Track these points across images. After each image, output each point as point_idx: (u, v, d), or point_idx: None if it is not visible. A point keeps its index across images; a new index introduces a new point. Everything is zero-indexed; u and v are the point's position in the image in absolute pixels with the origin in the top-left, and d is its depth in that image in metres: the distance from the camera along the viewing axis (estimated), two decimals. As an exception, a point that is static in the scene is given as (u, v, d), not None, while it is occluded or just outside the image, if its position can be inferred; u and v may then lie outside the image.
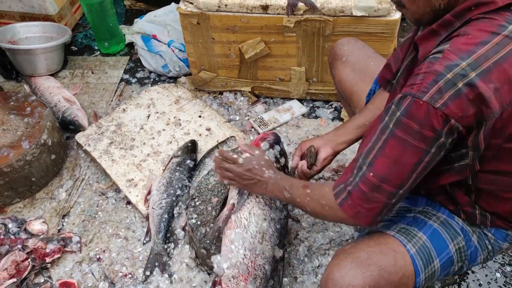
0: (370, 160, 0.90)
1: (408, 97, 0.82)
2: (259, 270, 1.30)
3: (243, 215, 1.32)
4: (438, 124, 0.79)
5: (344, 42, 1.48)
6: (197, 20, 1.84)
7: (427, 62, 0.81)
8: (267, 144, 1.42)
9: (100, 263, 1.57)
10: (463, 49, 0.78)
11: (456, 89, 0.76)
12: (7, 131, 1.75)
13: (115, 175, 1.76)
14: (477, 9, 0.80)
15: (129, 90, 2.28)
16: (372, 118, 1.28)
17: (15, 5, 2.40)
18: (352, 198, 0.94)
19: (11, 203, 1.76)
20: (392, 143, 0.86)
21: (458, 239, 1.05)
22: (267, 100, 2.15)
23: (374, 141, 0.89)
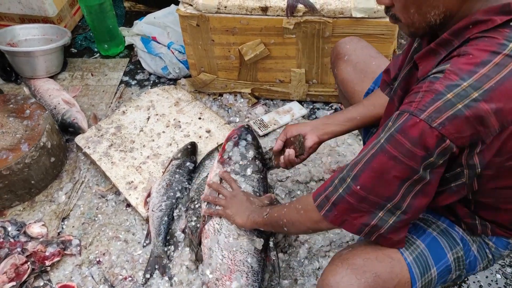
0: (356, 172, 0.89)
1: (406, 113, 0.81)
2: (241, 265, 1.31)
3: (215, 221, 1.37)
4: (431, 144, 0.79)
5: (347, 41, 1.48)
6: (197, 22, 1.84)
7: (428, 82, 0.81)
8: (230, 145, 1.49)
9: (100, 266, 1.56)
10: (464, 69, 0.77)
11: (456, 109, 0.76)
12: (6, 133, 1.74)
13: (115, 177, 1.75)
14: (475, 27, 0.80)
15: (129, 92, 2.27)
16: (364, 113, 1.30)
17: (15, 7, 2.39)
18: (337, 209, 0.95)
19: (11, 206, 1.76)
20: (381, 158, 0.85)
21: (457, 248, 1.04)
22: (267, 102, 2.15)
23: (363, 154, 0.89)
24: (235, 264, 1.31)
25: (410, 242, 1.02)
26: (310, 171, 1.79)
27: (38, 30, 2.35)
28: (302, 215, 1.05)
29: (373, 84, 1.38)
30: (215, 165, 1.51)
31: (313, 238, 1.60)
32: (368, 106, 1.29)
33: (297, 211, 1.07)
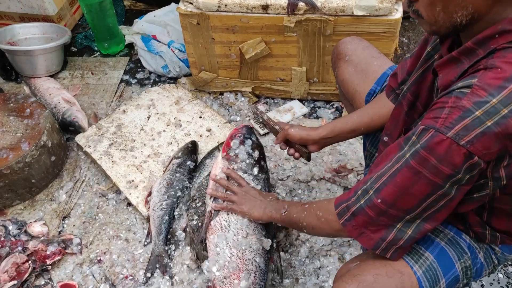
0: (379, 186, 0.88)
1: (431, 130, 0.78)
2: (250, 264, 1.31)
3: (222, 217, 1.37)
4: (459, 161, 0.77)
5: (348, 41, 1.46)
6: (197, 20, 1.83)
7: (454, 97, 0.77)
8: (236, 142, 1.49)
9: (100, 265, 1.56)
10: (493, 84, 0.74)
11: (485, 127, 0.73)
12: (7, 132, 1.74)
13: (116, 176, 1.75)
14: (502, 37, 0.76)
15: (129, 91, 2.27)
16: (369, 123, 1.28)
17: (14, 6, 2.39)
18: (356, 220, 0.94)
19: (11, 205, 1.75)
20: (405, 173, 0.83)
21: (465, 257, 1.03)
22: (268, 101, 2.14)
23: (387, 168, 0.87)
24: (244, 263, 1.30)
25: (419, 254, 1.01)
26: (311, 170, 1.79)
27: (38, 29, 2.34)
28: (323, 223, 1.04)
29: (375, 84, 1.36)
30: (220, 161, 1.50)
31: (314, 237, 1.60)
32: (373, 115, 1.27)
33: (317, 218, 1.06)
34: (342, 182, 1.75)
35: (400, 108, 1.07)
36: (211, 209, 1.40)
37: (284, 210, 1.21)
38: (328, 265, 1.53)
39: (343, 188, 1.75)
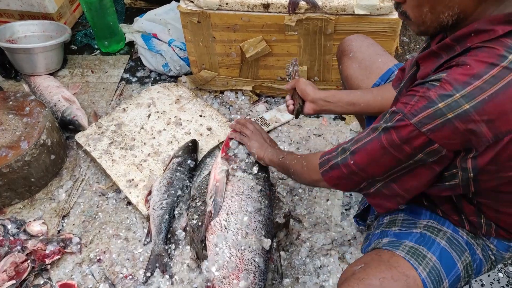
0: (354, 149, 0.97)
1: (400, 114, 0.86)
2: (249, 264, 1.30)
3: (222, 217, 1.37)
4: (419, 144, 0.84)
5: (353, 38, 1.48)
6: (198, 19, 1.82)
7: (425, 87, 0.83)
8: (235, 142, 1.50)
9: (100, 264, 1.56)
10: (459, 80, 0.78)
11: (445, 118, 0.79)
12: (6, 131, 1.73)
13: (115, 175, 1.74)
14: (477, 36, 0.80)
15: (129, 89, 2.26)
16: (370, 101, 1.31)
17: (14, 3, 2.38)
18: (333, 173, 1.04)
19: (10, 203, 1.75)
20: (375, 145, 0.92)
21: (465, 254, 1.05)
22: (269, 99, 2.14)
23: (364, 134, 0.96)
24: (243, 263, 1.30)
25: (422, 255, 1.02)
26: (311, 169, 1.78)
27: (38, 26, 2.34)
28: (305, 171, 1.15)
29: (379, 79, 1.37)
30: (220, 162, 1.49)
31: (314, 237, 1.59)
32: (376, 96, 1.29)
33: (301, 166, 1.17)
34: (343, 182, 1.75)
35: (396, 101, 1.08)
36: (211, 209, 1.40)
37: (281, 156, 1.31)
38: (328, 265, 1.52)
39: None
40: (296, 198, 1.72)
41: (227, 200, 1.39)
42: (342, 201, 1.71)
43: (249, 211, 1.36)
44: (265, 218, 1.37)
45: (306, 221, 1.65)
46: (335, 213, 1.67)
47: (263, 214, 1.37)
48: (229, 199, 1.39)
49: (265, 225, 1.37)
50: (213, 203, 1.40)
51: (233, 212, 1.36)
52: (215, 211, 1.38)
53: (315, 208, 1.69)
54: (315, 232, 1.62)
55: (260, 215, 1.37)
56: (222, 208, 1.37)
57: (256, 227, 1.35)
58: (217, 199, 1.39)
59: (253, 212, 1.36)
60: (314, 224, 1.64)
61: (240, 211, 1.36)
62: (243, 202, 1.38)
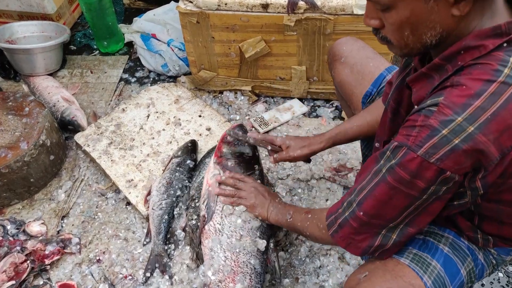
0: (361, 199, 0.92)
1: (404, 148, 0.81)
2: (244, 266, 1.30)
3: (216, 220, 1.36)
4: (431, 176, 0.80)
5: (343, 42, 1.46)
6: (197, 19, 1.82)
7: (423, 115, 0.79)
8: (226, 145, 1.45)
9: (100, 264, 1.56)
10: (458, 102, 0.75)
11: (453, 145, 0.75)
12: (5, 131, 1.73)
13: (115, 175, 1.74)
14: (468, 53, 0.77)
15: (129, 89, 2.26)
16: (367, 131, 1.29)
17: (13, 4, 2.38)
18: (343, 231, 0.98)
19: (10, 204, 1.75)
20: (383, 188, 0.87)
21: (468, 260, 1.04)
22: (268, 99, 2.14)
23: (367, 181, 0.91)
24: (239, 266, 1.29)
25: (427, 263, 1.00)
26: (311, 169, 1.79)
27: (37, 27, 2.34)
28: (324, 234, 1.06)
29: (371, 86, 1.36)
30: (212, 166, 1.47)
31: (314, 237, 1.59)
32: (373, 124, 1.28)
33: (319, 229, 1.09)
34: (342, 181, 1.75)
35: (386, 115, 1.08)
36: (204, 213, 1.39)
37: (289, 216, 1.22)
38: (328, 265, 1.52)
39: (343, 187, 1.75)
40: (295, 198, 1.72)
41: (220, 204, 1.37)
42: (341, 201, 1.71)
43: (243, 213, 1.35)
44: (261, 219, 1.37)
45: (306, 221, 1.65)
46: (335, 213, 1.67)
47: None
48: (222, 202, 1.38)
49: (260, 226, 1.35)
50: (206, 207, 1.39)
51: (227, 215, 1.35)
52: (208, 215, 1.37)
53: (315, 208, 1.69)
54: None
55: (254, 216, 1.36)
56: (216, 212, 1.36)
57: (250, 228, 1.33)
58: (209, 204, 1.38)
59: (246, 214, 1.35)
60: (314, 224, 1.64)
61: (233, 213, 1.35)
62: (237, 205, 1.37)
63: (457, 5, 0.73)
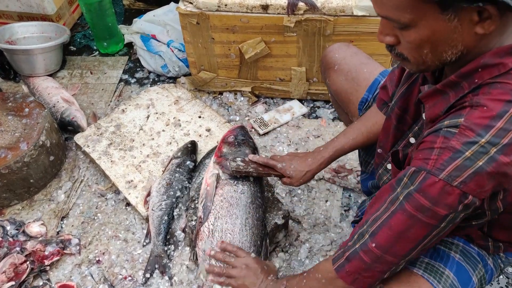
0: (374, 229, 0.87)
1: (423, 172, 0.78)
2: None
3: (210, 221, 1.36)
4: (453, 202, 0.76)
5: (335, 49, 1.43)
6: (197, 20, 1.83)
7: (442, 136, 0.77)
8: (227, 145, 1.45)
9: (99, 265, 1.56)
10: (480, 124, 0.73)
11: (477, 167, 0.73)
12: (5, 132, 1.73)
13: (115, 176, 1.74)
14: (485, 71, 0.75)
15: (128, 90, 2.26)
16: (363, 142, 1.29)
17: (13, 5, 2.38)
18: (351, 265, 0.92)
19: (9, 205, 1.74)
20: (400, 217, 0.82)
21: (479, 267, 1.03)
22: (267, 100, 2.14)
23: (382, 210, 0.86)
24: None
25: (440, 272, 0.99)
26: (310, 170, 1.79)
27: (37, 28, 2.33)
28: (325, 283, 0.99)
29: (366, 92, 1.35)
30: (211, 166, 1.47)
31: (313, 238, 1.59)
32: (368, 134, 1.27)
33: (317, 281, 1.01)
34: (342, 183, 1.75)
35: (389, 122, 1.07)
36: (200, 214, 1.39)
37: (283, 287, 1.13)
38: (327, 266, 1.52)
39: (342, 189, 1.75)
40: (295, 199, 1.72)
41: (216, 205, 1.38)
42: (341, 202, 1.71)
43: (236, 215, 1.35)
44: (256, 220, 1.37)
45: (305, 222, 1.65)
46: (334, 214, 1.67)
47: (252, 217, 1.37)
48: (218, 203, 1.38)
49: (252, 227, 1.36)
50: (203, 208, 1.39)
51: (220, 217, 1.35)
52: (204, 215, 1.37)
53: (314, 209, 1.69)
54: (314, 233, 1.62)
55: (248, 217, 1.36)
56: (211, 212, 1.36)
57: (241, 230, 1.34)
58: (206, 204, 1.38)
59: (241, 215, 1.35)
60: (313, 225, 1.64)
61: (228, 214, 1.35)
62: (231, 207, 1.37)
63: (482, 23, 0.70)
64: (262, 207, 1.42)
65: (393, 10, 0.73)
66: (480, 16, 0.70)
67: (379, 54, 1.80)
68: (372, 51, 1.81)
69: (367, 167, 1.41)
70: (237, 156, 1.44)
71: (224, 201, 1.38)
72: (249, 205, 1.38)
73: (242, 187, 1.41)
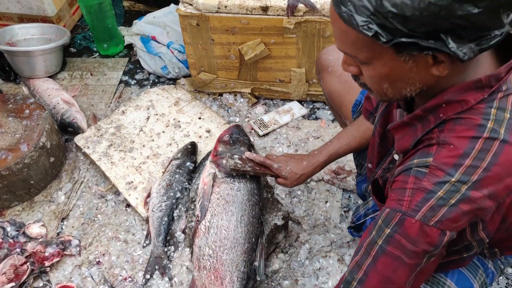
0: (361, 276, 0.87)
1: (398, 214, 0.79)
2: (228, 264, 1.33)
3: (207, 218, 1.38)
4: (435, 240, 0.78)
5: (329, 51, 1.44)
6: (197, 22, 1.83)
7: (412, 177, 0.79)
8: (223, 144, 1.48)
9: (99, 266, 1.56)
10: (448, 163, 0.75)
11: (450, 205, 0.75)
12: (6, 133, 1.74)
13: (115, 177, 1.75)
14: (449, 107, 0.77)
15: (128, 92, 2.27)
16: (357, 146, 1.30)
17: (13, 7, 2.39)
18: None
19: (10, 206, 1.75)
20: (384, 260, 0.83)
21: (479, 272, 1.03)
22: (267, 102, 2.14)
23: (362, 256, 0.87)
24: (222, 263, 1.32)
25: (441, 283, 1.00)
26: (310, 171, 1.79)
27: (37, 29, 2.34)
28: None
29: (360, 95, 1.35)
30: (208, 165, 1.49)
31: (313, 239, 1.60)
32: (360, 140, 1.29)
33: None
34: (341, 184, 1.75)
35: (374, 139, 1.08)
36: (198, 212, 1.41)
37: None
38: (327, 266, 1.53)
39: (342, 190, 1.75)
40: (295, 200, 1.72)
41: (212, 202, 1.40)
42: (341, 203, 1.72)
43: (232, 212, 1.37)
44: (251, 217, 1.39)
45: (305, 223, 1.65)
46: (334, 215, 1.67)
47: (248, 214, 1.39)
48: (215, 200, 1.40)
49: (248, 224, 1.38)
50: (200, 206, 1.41)
51: (216, 214, 1.38)
52: (202, 214, 1.39)
53: (314, 210, 1.69)
54: (314, 234, 1.62)
55: (244, 215, 1.38)
56: (208, 210, 1.39)
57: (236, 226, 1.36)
58: (203, 203, 1.40)
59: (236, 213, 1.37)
60: (313, 226, 1.64)
61: (223, 211, 1.37)
62: (227, 204, 1.39)
63: (437, 66, 0.71)
64: (259, 204, 1.43)
65: (351, 47, 0.74)
66: (434, 60, 0.70)
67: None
68: (372, 52, 1.82)
69: (361, 169, 1.42)
70: (233, 153, 1.45)
71: (221, 199, 1.39)
72: (245, 203, 1.40)
73: (239, 184, 1.42)
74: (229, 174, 1.42)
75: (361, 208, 1.36)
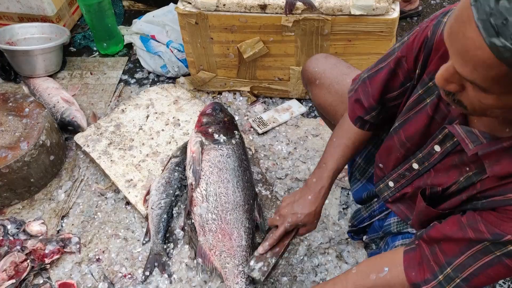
0: (467, 276, 0.89)
1: None
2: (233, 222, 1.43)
3: (202, 187, 1.45)
4: None
5: (314, 62, 1.38)
6: (196, 20, 1.84)
7: None
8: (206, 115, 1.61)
9: (99, 263, 1.57)
10: None
11: None
12: (6, 132, 1.74)
13: (114, 175, 1.76)
14: None
15: (128, 90, 2.27)
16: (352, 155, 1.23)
17: (13, 6, 2.39)
18: None
19: (10, 204, 1.76)
20: (501, 269, 0.86)
21: None
22: (266, 100, 2.15)
23: (470, 257, 0.89)
24: (227, 223, 1.41)
25: None
26: (309, 168, 1.80)
27: (37, 29, 2.35)
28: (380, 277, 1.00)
29: None
30: (194, 135, 1.59)
31: (312, 235, 1.60)
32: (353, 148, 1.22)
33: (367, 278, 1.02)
34: (340, 183, 1.76)
35: (391, 143, 1.06)
36: (191, 181, 1.47)
37: None
38: (326, 263, 1.53)
39: (340, 188, 1.75)
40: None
41: (205, 170, 1.47)
42: (339, 200, 1.72)
43: (228, 179, 1.47)
44: (245, 182, 1.49)
45: (304, 220, 1.65)
46: (333, 212, 1.68)
47: (242, 179, 1.49)
48: (207, 168, 1.47)
49: (243, 188, 1.47)
50: (193, 173, 1.46)
51: (212, 182, 1.45)
52: (196, 181, 1.44)
53: (313, 207, 1.70)
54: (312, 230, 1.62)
55: (239, 180, 1.48)
56: (202, 178, 1.45)
57: (234, 192, 1.46)
58: (195, 168, 1.46)
59: (231, 179, 1.47)
60: (312, 223, 1.65)
61: (219, 179, 1.45)
62: (221, 171, 1.47)
63: None
64: (249, 169, 1.54)
65: (484, 78, 0.64)
66: None
67: (375, 53, 1.81)
68: (369, 51, 1.83)
69: (363, 174, 1.37)
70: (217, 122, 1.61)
71: (213, 167, 1.46)
72: (237, 169, 1.50)
73: (227, 150, 1.51)
74: (215, 141, 1.53)
75: (363, 211, 1.34)
